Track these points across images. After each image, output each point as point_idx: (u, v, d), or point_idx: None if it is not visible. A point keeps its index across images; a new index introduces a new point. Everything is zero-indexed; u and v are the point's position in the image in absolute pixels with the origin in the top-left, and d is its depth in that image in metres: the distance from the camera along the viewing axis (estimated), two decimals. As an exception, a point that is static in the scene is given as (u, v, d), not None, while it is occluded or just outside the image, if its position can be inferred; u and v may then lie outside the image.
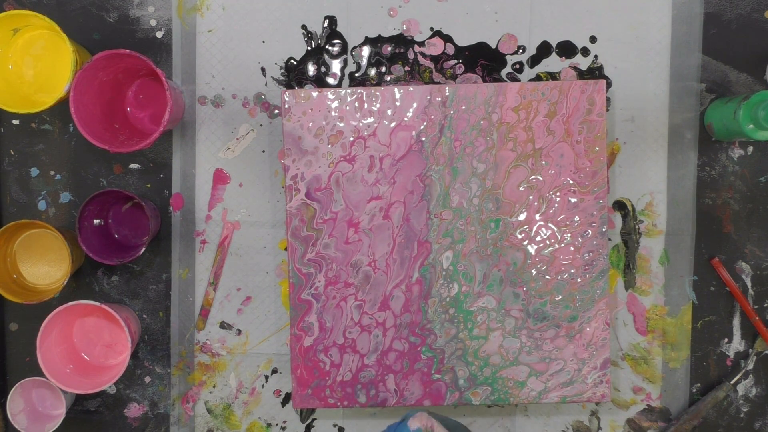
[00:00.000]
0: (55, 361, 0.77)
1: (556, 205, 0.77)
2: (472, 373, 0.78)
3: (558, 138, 0.77)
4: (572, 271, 0.77)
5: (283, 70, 0.82)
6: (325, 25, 0.81)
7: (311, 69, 0.82)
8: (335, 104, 0.77)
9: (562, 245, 0.77)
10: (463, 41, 0.81)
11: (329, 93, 0.77)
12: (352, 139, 0.77)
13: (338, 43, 0.81)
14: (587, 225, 0.77)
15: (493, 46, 0.81)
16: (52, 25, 0.73)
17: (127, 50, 0.73)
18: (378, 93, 0.77)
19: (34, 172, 0.82)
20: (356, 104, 0.77)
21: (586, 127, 0.77)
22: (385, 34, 0.81)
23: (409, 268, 0.78)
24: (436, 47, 0.81)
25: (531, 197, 0.77)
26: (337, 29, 0.81)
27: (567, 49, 0.81)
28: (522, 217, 0.77)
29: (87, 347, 0.82)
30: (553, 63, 0.81)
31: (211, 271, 0.82)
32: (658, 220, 0.81)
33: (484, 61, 0.81)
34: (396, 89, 0.77)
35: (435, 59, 0.81)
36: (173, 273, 0.82)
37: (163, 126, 0.73)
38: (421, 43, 0.81)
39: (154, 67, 0.73)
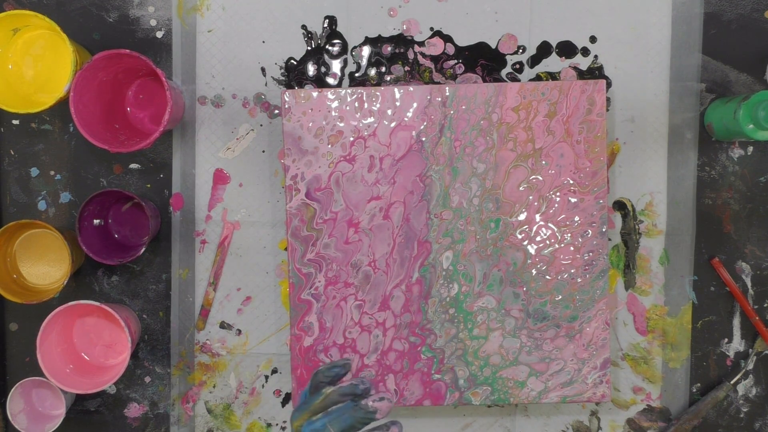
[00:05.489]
0: (55, 361, 0.77)
1: (556, 205, 0.77)
2: (472, 373, 0.78)
3: (558, 138, 0.77)
4: (572, 271, 0.77)
5: (283, 70, 0.82)
6: (325, 25, 0.81)
7: (311, 69, 0.82)
8: (335, 104, 0.77)
9: (562, 245, 0.77)
10: (463, 41, 0.81)
11: (329, 93, 0.77)
12: (352, 139, 0.77)
13: (338, 43, 0.81)
14: (587, 225, 0.77)
15: (493, 46, 0.81)
16: (52, 25, 0.73)
17: (127, 50, 0.73)
18: (378, 93, 0.77)
19: (34, 172, 0.82)
20: (356, 104, 0.77)
21: (586, 127, 0.77)
22: (385, 34, 0.81)
23: (409, 268, 0.78)
24: (436, 47, 0.81)
25: (531, 197, 0.77)
26: (337, 29, 0.81)
27: (567, 49, 0.81)
28: (522, 217, 0.77)
29: (87, 347, 0.82)
30: (553, 63, 0.81)
31: (211, 271, 0.82)
32: (658, 220, 0.81)
33: (484, 61, 0.81)
34: (396, 89, 0.77)
35: (435, 59, 0.81)
36: (173, 273, 0.82)
37: (163, 126, 0.73)
38: (421, 43, 0.81)
39: (154, 67, 0.73)
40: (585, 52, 0.81)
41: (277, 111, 0.82)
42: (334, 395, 0.60)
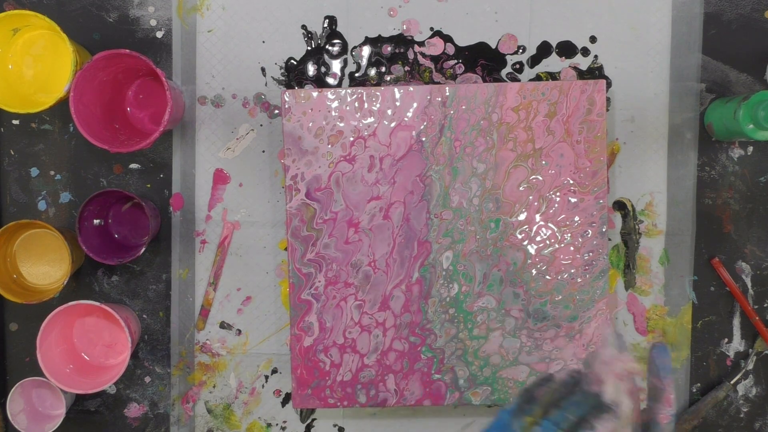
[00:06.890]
0: (55, 361, 0.77)
1: (556, 205, 0.77)
2: (472, 373, 0.78)
3: (558, 138, 0.77)
4: (572, 271, 0.77)
5: (283, 70, 0.82)
6: (325, 25, 0.81)
7: (311, 69, 0.82)
8: (335, 104, 0.77)
9: (562, 245, 0.77)
10: (463, 41, 0.81)
11: (329, 93, 0.77)
12: (352, 139, 0.77)
13: (338, 43, 0.81)
14: (587, 225, 0.77)
15: (493, 46, 0.81)
16: (52, 25, 0.73)
17: (127, 50, 0.73)
18: (378, 93, 0.77)
19: (34, 172, 0.82)
20: (356, 104, 0.77)
21: (586, 127, 0.77)
22: (385, 34, 0.81)
23: (409, 268, 0.78)
24: (436, 47, 0.81)
25: (531, 197, 0.77)
26: (337, 29, 0.81)
27: (567, 49, 0.81)
28: (522, 217, 0.77)
29: (87, 347, 0.82)
30: (553, 63, 0.81)
31: (211, 271, 0.82)
32: (658, 220, 0.81)
33: (484, 61, 0.81)
34: (396, 89, 0.77)
35: (435, 59, 0.81)
36: (173, 273, 0.82)
37: (163, 126, 0.73)
38: (421, 43, 0.81)
39: (154, 67, 0.73)
40: (585, 52, 0.81)
41: (277, 111, 0.82)
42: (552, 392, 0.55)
